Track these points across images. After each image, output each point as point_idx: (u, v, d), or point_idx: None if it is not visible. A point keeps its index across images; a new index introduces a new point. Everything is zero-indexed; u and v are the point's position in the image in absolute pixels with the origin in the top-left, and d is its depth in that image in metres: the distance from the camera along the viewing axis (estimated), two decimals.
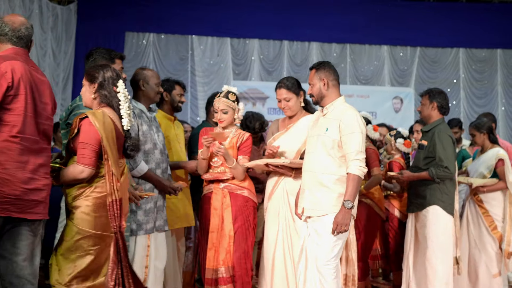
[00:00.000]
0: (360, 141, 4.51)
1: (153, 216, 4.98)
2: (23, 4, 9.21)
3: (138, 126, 4.96)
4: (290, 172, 5.23)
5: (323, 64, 4.83)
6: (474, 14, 12.66)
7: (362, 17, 12.32)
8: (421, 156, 5.87)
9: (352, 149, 4.50)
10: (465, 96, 12.79)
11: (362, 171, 4.48)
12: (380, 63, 12.73)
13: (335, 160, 4.57)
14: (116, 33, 11.86)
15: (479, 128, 6.58)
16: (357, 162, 4.47)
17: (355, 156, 4.48)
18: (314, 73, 4.80)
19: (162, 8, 11.86)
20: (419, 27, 12.48)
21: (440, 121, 5.91)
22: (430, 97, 5.95)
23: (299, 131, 5.31)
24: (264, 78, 12.17)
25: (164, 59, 12.14)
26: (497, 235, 6.39)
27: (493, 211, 6.46)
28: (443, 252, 5.67)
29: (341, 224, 4.42)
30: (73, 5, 11.43)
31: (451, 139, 5.77)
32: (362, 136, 4.55)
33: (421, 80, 12.69)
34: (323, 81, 4.73)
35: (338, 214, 4.44)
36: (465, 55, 12.85)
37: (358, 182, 4.49)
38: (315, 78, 4.77)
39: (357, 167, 4.46)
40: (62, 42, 10.93)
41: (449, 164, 5.65)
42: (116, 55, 4.82)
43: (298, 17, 12.13)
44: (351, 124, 4.55)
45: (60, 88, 10.86)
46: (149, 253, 4.93)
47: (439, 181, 5.69)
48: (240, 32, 12.33)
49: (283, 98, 5.36)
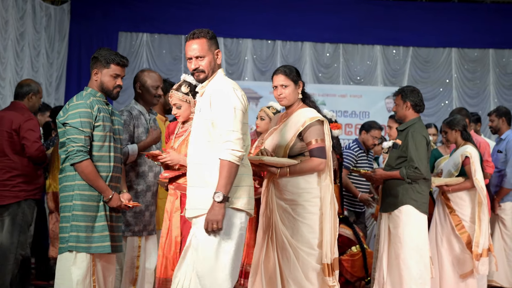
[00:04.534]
0: (233, 118, 3.79)
1: (143, 220, 4.97)
2: (16, 4, 9.21)
3: (134, 127, 4.96)
4: (274, 171, 4.60)
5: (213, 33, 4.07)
6: (466, 14, 12.71)
7: (355, 17, 12.35)
8: (394, 155, 5.76)
9: (223, 128, 3.80)
10: (457, 96, 12.83)
11: (235, 156, 3.76)
12: (373, 63, 12.77)
13: (213, 145, 3.87)
14: (109, 33, 11.87)
15: (451, 125, 6.46)
16: (229, 144, 3.76)
17: (226, 136, 3.78)
18: (205, 42, 4.02)
19: (155, 8, 11.88)
20: (412, 27, 12.52)
21: (415, 120, 5.77)
22: (402, 96, 5.79)
23: (291, 125, 4.69)
24: (257, 78, 12.19)
25: (158, 59, 12.15)
26: (464, 235, 6.24)
27: (460, 211, 6.33)
28: (418, 253, 5.54)
29: (211, 221, 3.74)
30: (66, 5, 11.44)
31: (425, 139, 5.63)
32: (236, 112, 3.81)
33: (413, 79, 12.72)
34: (217, 55, 4.03)
35: (209, 209, 3.76)
36: (457, 55, 12.88)
37: (230, 169, 3.75)
38: (207, 49, 4.00)
39: (229, 151, 3.75)
40: (55, 42, 10.94)
41: (420, 164, 5.51)
42: (114, 60, 4.51)
43: (291, 17, 12.16)
44: (222, 98, 3.85)
45: (53, 88, 10.88)
46: (140, 254, 4.94)
47: (409, 181, 5.57)
48: (233, 32, 12.34)
49: (280, 85, 4.70)
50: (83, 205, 4.33)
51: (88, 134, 4.34)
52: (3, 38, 8.74)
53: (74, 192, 4.35)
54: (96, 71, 4.53)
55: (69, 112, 4.38)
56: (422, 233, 5.62)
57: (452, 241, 6.33)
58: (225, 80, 3.99)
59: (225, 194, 3.76)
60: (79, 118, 4.33)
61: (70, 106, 4.42)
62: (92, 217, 4.35)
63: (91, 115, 4.37)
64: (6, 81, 8.87)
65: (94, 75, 4.54)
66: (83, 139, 4.32)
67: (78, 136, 4.31)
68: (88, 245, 4.33)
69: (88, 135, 4.34)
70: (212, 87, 3.95)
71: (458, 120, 6.48)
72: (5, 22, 8.79)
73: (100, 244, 4.35)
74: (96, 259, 4.38)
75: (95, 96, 4.49)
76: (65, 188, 4.41)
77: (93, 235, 4.35)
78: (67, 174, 4.41)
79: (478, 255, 6.14)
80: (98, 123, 4.39)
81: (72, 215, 4.33)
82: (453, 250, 6.33)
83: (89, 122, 4.35)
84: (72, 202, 4.34)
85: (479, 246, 6.14)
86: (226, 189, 3.76)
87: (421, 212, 5.61)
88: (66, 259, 4.36)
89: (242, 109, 3.86)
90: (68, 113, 4.38)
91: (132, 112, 5.00)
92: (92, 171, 4.33)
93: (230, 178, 3.77)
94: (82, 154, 4.29)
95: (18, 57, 9.31)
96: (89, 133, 4.35)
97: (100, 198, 4.37)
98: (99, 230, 4.36)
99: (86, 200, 4.34)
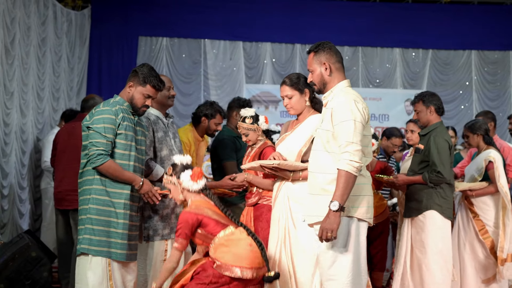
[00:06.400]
0: (352, 130, 3.89)
1: (170, 223, 5.00)
2: (38, 10, 9.29)
3: (154, 133, 5.01)
4: (287, 175, 4.68)
5: (322, 45, 4.17)
6: (486, 16, 12.63)
7: (374, 20, 12.33)
8: (417, 160, 5.73)
9: (342, 140, 3.92)
10: (477, 98, 12.74)
11: (353, 166, 3.84)
12: (392, 65, 12.73)
13: (333, 156, 3.99)
14: (129, 38, 11.93)
15: (473, 129, 6.38)
16: (347, 155, 3.86)
17: (345, 148, 3.88)
18: (313, 57, 4.17)
19: (174, 13, 11.93)
20: (431, 29, 12.47)
21: (437, 124, 5.75)
22: (424, 102, 5.77)
23: (304, 131, 4.75)
24: (276, 81, 12.19)
25: (177, 63, 12.20)
26: (488, 240, 6.20)
27: (484, 216, 6.27)
28: (442, 258, 5.52)
29: (326, 229, 3.83)
30: (86, 10, 11.51)
31: (447, 143, 5.61)
32: (356, 124, 3.91)
33: (433, 82, 12.67)
34: (324, 65, 4.13)
35: (324, 217, 3.87)
36: (477, 57, 12.81)
37: (348, 179, 3.84)
38: (314, 63, 4.16)
39: (346, 161, 3.85)
40: (76, 47, 11.01)
41: (442, 169, 5.48)
42: (151, 82, 4.64)
43: (310, 20, 12.15)
44: (342, 110, 3.96)
45: (74, 93, 10.95)
46: (166, 257, 4.94)
47: (432, 185, 5.54)
48: (253, 35, 12.36)
49: (285, 95, 4.79)
50: (98, 210, 4.42)
51: (110, 139, 4.41)
52: (25, 44, 8.83)
53: (90, 196, 4.45)
54: (132, 84, 4.61)
55: (94, 117, 4.47)
56: (446, 238, 5.60)
57: (475, 246, 6.28)
58: (347, 92, 4.08)
59: (341, 204, 3.83)
60: (103, 123, 4.42)
61: (96, 111, 4.51)
62: (107, 222, 4.43)
63: (115, 122, 4.45)
64: (28, 86, 8.95)
65: (128, 87, 4.62)
66: (105, 143, 4.40)
67: (100, 140, 4.39)
68: (100, 249, 4.40)
69: (111, 140, 4.42)
70: (334, 99, 4.07)
71: (480, 124, 6.41)
72: (27, 28, 8.88)
73: (115, 250, 4.43)
74: (113, 263, 4.44)
75: (122, 105, 4.57)
76: (83, 192, 4.51)
77: (109, 240, 4.42)
78: (87, 178, 4.50)
79: (503, 260, 6.10)
80: (120, 131, 4.47)
81: (87, 218, 4.43)
82: (476, 255, 6.28)
83: (112, 129, 4.43)
84: (88, 206, 4.44)
85: (503, 251, 6.09)
86: (343, 199, 3.85)
87: (446, 217, 5.58)
88: (83, 263, 4.45)
89: (362, 122, 3.97)
90: (94, 118, 4.47)
91: (150, 118, 5.05)
92: (116, 168, 4.42)
93: (347, 189, 3.85)
94: (102, 157, 4.37)
95: (40, 63, 9.39)
96: (111, 139, 4.42)
97: (114, 204, 4.44)
98: (117, 237, 4.44)
99: (101, 205, 4.43)
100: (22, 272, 6.50)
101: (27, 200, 8.84)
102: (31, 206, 8.99)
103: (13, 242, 6.72)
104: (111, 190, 4.46)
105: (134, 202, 4.58)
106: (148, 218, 4.87)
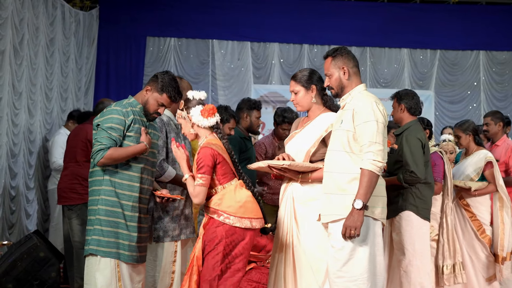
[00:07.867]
0: (375, 131, 4.01)
1: (180, 224, 4.99)
2: (46, 11, 9.32)
3: (167, 133, 5.01)
4: (296, 176, 4.57)
5: (340, 50, 4.30)
6: (494, 16, 12.60)
7: (382, 20, 12.32)
8: (392, 161, 5.53)
9: (365, 140, 4.02)
10: (485, 99, 12.71)
11: (376, 166, 3.96)
12: (400, 66, 12.71)
13: (351, 156, 4.10)
14: (137, 38, 11.97)
15: (464, 129, 6.41)
16: (370, 155, 3.97)
17: (368, 148, 4.00)
18: (331, 61, 4.29)
19: (182, 13, 11.96)
20: (439, 29, 12.45)
21: (411, 123, 5.58)
22: (397, 99, 5.70)
23: (313, 130, 4.62)
24: (284, 81, 12.19)
25: (185, 63, 12.21)
26: (486, 238, 6.24)
27: (480, 215, 6.29)
28: (419, 259, 5.32)
29: (350, 227, 3.93)
30: (94, 10, 11.54)
31: (420, 141, 5.42)
32: (378, 125, 4.03)
33: (441, 82, 12.65)
34: (343, 69, 4.25)
35: (348, 215, 3.97)
36: (485, 57, 12.77)
37: (371, 178, 3.95)
38: (332, 67, 4.27)
39: (370, 161, 3.97)
40: (84, 47, 11.03)
41: (415, 168, 5.28)
42: (169, 92, 4.57)
43: (318, 21, 12.16)
44: (365, 111, 4.07)
45: (82, 93, 10.98)
46: (176, 259, 4.94)
47: (407, 185, 5.38)
48: (260, 36, 12.36)
49: (292, 90, 4.71)
50: (106, 210, 4.41)
51: (114, 138, 4.40)
52: (34, 44, 8.85)
53: (100, 196, 4.44)
54: (149, 89, 4.59)
55: (104, 116, 4.47)
56: (423, 240, 5.41)
57: (475, 246, 6.31)
58: (367, 95, 4.22)
59: (365, 202, 3.95)
60: (111, 123, 4.42)
61: (107, 110, 4.52)
62: (116, 223, 4.41)
63: (124, 123, 4.44)
64: (36, 86, 8.97)
65: (145, 90, 4.60)
66: (108, 139, 4.38)
67: (105, 137, 4.38)
68: (109, 250, 4.39)
69: (115, 139, 4.41)
70: (354, 102, 4.19)
71: (469, 124, 6.47)
72: (36, 28, 8.90)
73: (123, 252, 4.41)
74: (122, 264, 4.44)
75: (135, 107, 4.56)
76: (93, 192, 4.50)
77: (118, 241, 4.41)
78: (96, 178, 4.50)
79: (503, 258, 6.15)
80: (130, 133, 4.46)
81: (95, 219, 4.41)
82: (477, 255, 6.30)
83: (120, 129, 4.42)
84: (97, 206, 4.43)
85: (503, 249, 6.14)
86: (366, 198, 3.96)
87: (422, 218, 5.40)
88: (91, 263, 4.44)
89: (383, 123, 4.10)
90: (104, 116, 4.48)
91: (163, 118, 5.05)
92: (118, 152, 4.40)
93: (371, 188, 3.98)
94: (102, 151, 4.34)
95: (48, 63, 9.41)
96: (116, 137, 4.41)
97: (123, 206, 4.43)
98: (126, 238, 4.43)
99: (110, 206, 4.42)
100: (30, 272, 6.59)
101: (35, 201, 8.87)
102: (40, 207, 9.02)
103: (22, 243, 6.80)
104: (121, 192, 4.44)
105: (143, 204, 4.56)
106: (159, 219, 4.86)
